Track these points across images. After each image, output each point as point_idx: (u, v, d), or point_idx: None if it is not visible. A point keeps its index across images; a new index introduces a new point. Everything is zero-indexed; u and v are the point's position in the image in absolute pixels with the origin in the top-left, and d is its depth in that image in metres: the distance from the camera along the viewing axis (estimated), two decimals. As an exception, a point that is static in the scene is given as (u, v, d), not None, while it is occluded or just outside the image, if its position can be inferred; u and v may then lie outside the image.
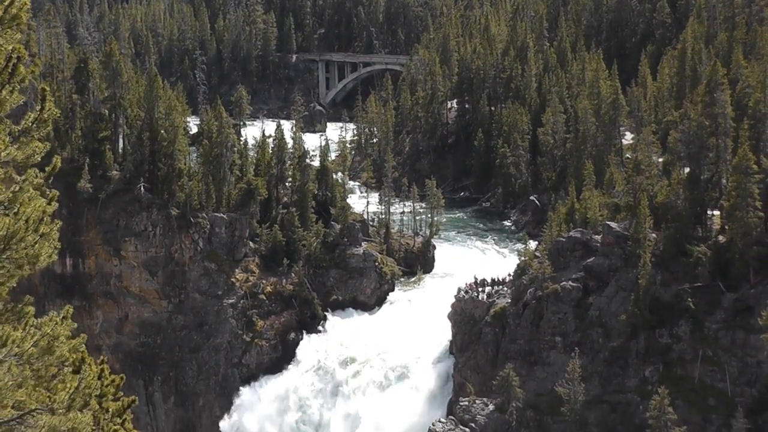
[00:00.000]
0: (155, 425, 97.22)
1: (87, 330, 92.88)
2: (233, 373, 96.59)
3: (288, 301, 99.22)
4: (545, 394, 75.17)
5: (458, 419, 77.35)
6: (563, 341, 76.95)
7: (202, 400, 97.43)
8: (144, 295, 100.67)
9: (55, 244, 21.57)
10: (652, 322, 73.80)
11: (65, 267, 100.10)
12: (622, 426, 72.59)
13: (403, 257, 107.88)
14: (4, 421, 22.34)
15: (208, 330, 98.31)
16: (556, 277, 79.87)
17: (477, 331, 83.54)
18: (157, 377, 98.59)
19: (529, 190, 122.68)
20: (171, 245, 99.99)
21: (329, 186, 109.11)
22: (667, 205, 78.14)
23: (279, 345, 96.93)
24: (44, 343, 22.20)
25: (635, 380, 73.45)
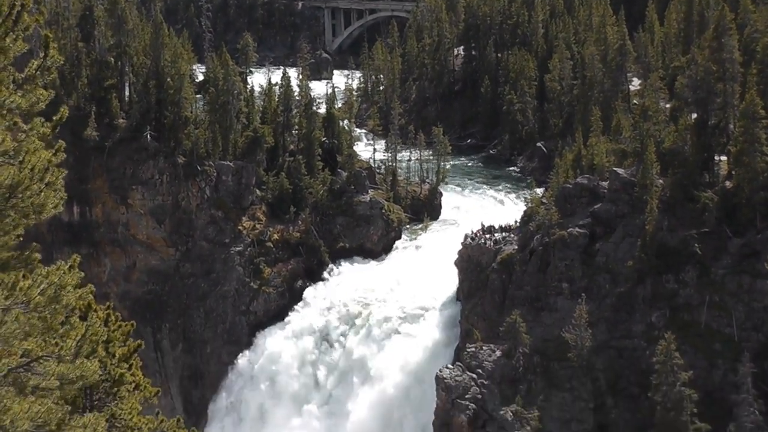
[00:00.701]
0: (164, 372, 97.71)
1: (95, 278, 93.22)
2: (240, 320, 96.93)
3: (295, 249, 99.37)
4: (552, 339, 75.36)
5: (465, 365, 77.60)
6: (570, 287, 77.04)
7: (210, 347, 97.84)
8: (151, 243, 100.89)
9: (62, 194, 21.59)
10: (658, 268, 73.86)
11: (72, 215, 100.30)
12: (628, 371, 72.84)
13: (409, 204, 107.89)
14: (11, 368, 22.45)
15: (215, 278, 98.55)
16: (562, 223, 79.85)
17: (484, 278, 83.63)
18: (165, 325, 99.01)
19: (536, 136, 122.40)
20: (178, 193, 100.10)
21: (336, 134, 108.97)
22: (674, 151, 77.96)
23: (286, 292, 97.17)
24: (51, 291, 22.27)
25: (642, 326, 73.60)
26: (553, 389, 74.44)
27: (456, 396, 76.08)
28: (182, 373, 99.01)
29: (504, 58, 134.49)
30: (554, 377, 74.74)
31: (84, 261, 26.09)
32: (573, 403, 73.27)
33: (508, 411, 74.46)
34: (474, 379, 76.61)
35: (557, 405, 73.64)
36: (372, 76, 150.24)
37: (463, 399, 75.91)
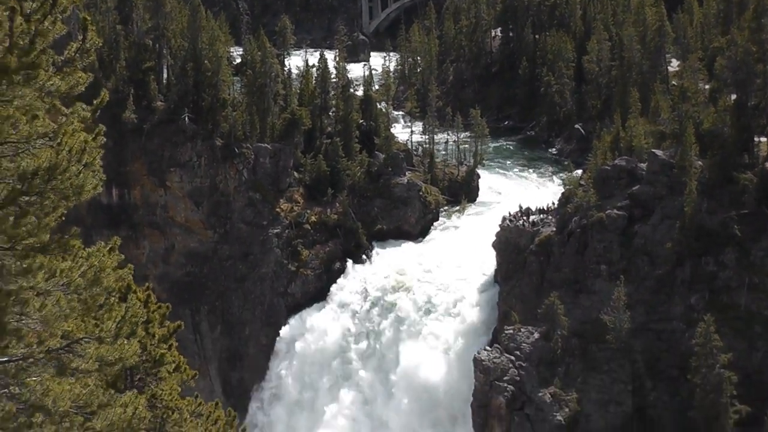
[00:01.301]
0: (202, 354, 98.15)
1: (134, 260, 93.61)
2: (279, 302, 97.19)
3: (332, 231, 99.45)
4: (590, 322, 75.19)
5: (503, 347, 77.57)
6: (608, 269, 76.79)
7: (249, 329, 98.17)
8: (189, 225, 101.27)
9: (100, 176, 21.65)
10: (697, 250, 73.53)
11: (111, 198, 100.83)
12: (667, 354, 72.62)
13: (447, 186, 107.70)
14: (52, 350, 22.57)
15: (253, 260, 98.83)
16: (601, 205, 79.58)
17: (522, 260, 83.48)
18: (204, 307, 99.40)
19: (574, 118, 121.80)
20: (216, 175, 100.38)
21: (373, 116, 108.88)
22: (714, 133, 77.51)
23: (324, 274, 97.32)
24: (91, 274, 22.35)
25: (681, 308, 73.32)
26: (591, 371, 74.34)
27: (494, 378, 76.09)
28: (221, 356, 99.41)
29: (542, 40, 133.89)
30: (592, 359, 74.62)
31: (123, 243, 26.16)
32: (611, 386, 73.15)
33: (546, 393, 74.44)
34: (512, 361, 76.59)
35: (595, 387, 73.55)
36: (409, 58, 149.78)
37: (501, 381, 75.92)
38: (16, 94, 19.84)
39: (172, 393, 33.79)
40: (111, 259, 22.64)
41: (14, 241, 21.39)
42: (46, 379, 22.30)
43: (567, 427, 72.99)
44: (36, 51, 19.38)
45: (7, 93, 19.73)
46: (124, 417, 23.35)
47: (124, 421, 23.33)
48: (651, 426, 71.97)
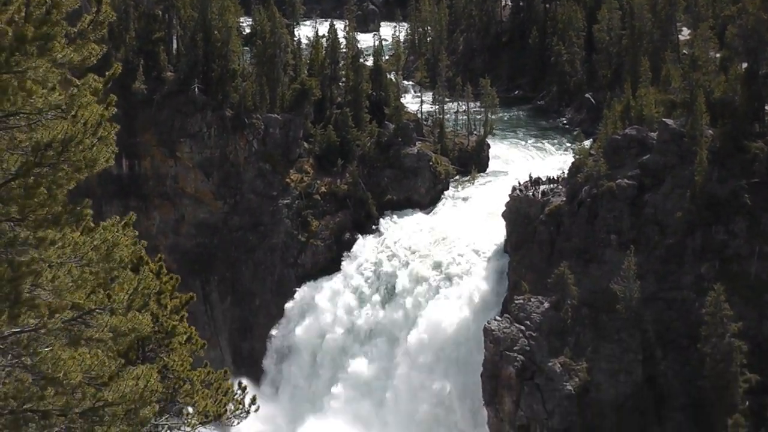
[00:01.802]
0: (213, 325, 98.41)
1: (144, 231, 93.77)
2: (289, 273, 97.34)
3: (342, 201, 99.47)
4: (600, 291, 75.21)
5: (513, 317, 77.67)
6: (618, 239, 76.77)
7: (259, 299, 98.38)
8: (199, 196, 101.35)
9: (113, 148, 21.71)
10: (708, 219, 73.48)
11: (122, 168, 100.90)
12: (677, 323, 72.68)
13: (457, 156, 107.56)
14: (65, 320, 22.65)
15: (263, 230, 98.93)
16: (611, 174, 79.49)
17: (532, 230, 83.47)
18: (214, 277, 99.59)
19: (584, 87, 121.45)
20: (226, 146, 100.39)
21: (383, 86, 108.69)
22: (724, 101, 77.34)
23: (334, 245, 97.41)
24: (104, 248, 22.43)
25: (691, 277, 73.32)
26: (601, 341, 74.44)
27: (504, 348, 76.21)
28: (231, 326, 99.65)
29: (552, 9, 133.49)
30: (603, 329, 74.70)
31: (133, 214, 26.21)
32: (622, 355, 73.25)
33: (557, 363, 74.57)
34: (522, 331, 76.70)
35: (606, 357, 73.65)
36: (419, 28, 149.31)
37: (511, 351, 76.04)
38: (30, 65, 19.88)
39: (184, 364, 33.92)
40: (125, 234, 22.72)
41: (26, 213, 21.47)
42: (58, 349, 22.40)
43: (577, 397, 73.15)
44: (51, 22, 19.41)
45: (22, 64, 19.77)
46: (136, 389, 23.44)
47: (135, 393, 23.44)
48: (661, 395, 72.10)
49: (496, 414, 77.20)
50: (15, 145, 21.02)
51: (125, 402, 23.31)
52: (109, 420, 23.54)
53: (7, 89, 20.05)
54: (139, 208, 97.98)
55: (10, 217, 21.81)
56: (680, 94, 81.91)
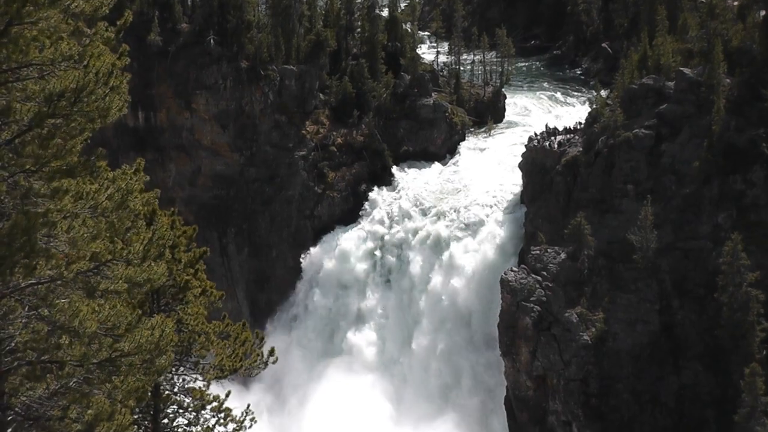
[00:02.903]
0: (229, 276, 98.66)
1: (160, 183, 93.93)
2: (305, 224, 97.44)
3: (358, 153, 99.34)
4: (617, 241, 75.08)
5: (530, 268, 77.68)
6: (635, 189, 76.53)
7: (275, 251, 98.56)
8: (216, 148, 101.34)
9: (126, 97, 21.70)
10: (725, 168, 73.16)
11: (137, 120, 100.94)
12: (694, 272, 72.55)
13: (473, 107, 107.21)
14: (81, 272, 22.72)
15: (279, 182, 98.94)
16: (628, 124, 79.16)
17: (548, 180, 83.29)
18: (231, 229, 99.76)
19: (601, 37, 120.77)
20: (241, 98, 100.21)
21: (399, 36, 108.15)
22: (742, 50, 76.80)
23: (350, 196, 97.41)
24: (118, 196, 22.46)
25: (708, 227, 73.10)
26: (618, 291, 74.40)
27: (521, 298, 76.29)
28: (248, 277, 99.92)
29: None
30: (619, 279, 74.64)
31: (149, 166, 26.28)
32: (638, 305, 73.23)
33: (573, 313, 74.63)
34: (539, 282, 76.74)
35: (622, 307, 73.63)
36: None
37: (527, 301, 76.11)
38: (41, 15, 19.85)
39: (198, 317, 34.07)
40: (137, 181, 22.73)
41: (41, 164, 21.50)
42: (74, 300, 22.48)
43: (594, 347, 73.24)
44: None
45: (33, 14, 19.73)
46: (152, 339, 23.57)
47: (151, 344, 23.56)
48: (678, 344, 72.13)
49: (512, 364, 77.41)
50: (28, 96, 21.03)
51: (141, 352, 23.45)
52: (126, 370, 23.70)
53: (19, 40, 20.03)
54: (156, 161, 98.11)
55: (24, 168, 21.86)
56: (697, 42, 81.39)
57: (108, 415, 23.13)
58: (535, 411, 76.29)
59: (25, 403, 23.90)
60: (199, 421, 35.68)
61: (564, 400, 73.86)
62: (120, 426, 23.38)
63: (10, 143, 21.64)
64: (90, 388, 23.58)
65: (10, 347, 23.30)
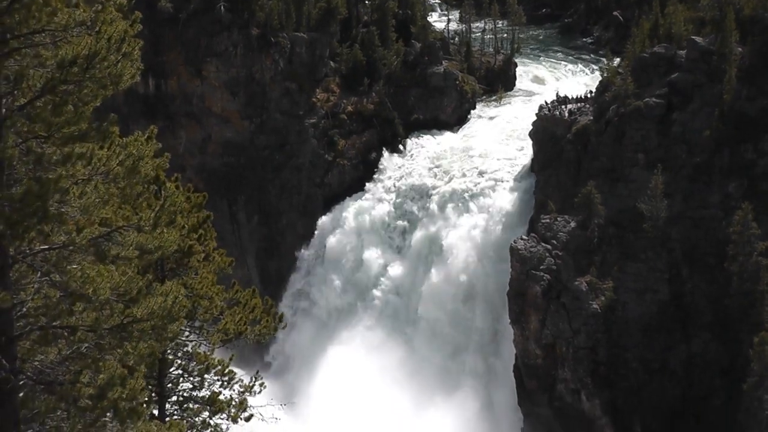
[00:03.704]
0: (239, 244, 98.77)
1: (171, 150, 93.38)
2: (315, 192, 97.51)
3: (369, 121, 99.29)
4: (627, 210, 75.02)
5: (540, 236, 77.69)
6: (646, 158, 76.40)
7: (285, 219, 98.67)
8: (226, 115, 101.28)
9: (138, 65, 21.74)
10: (736, 137, 72.95)
11: (148, 87, 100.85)
12: (704, 241, 72.46)
13: (484, 75, 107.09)
14: (92, 237, 22.80)
15: (289, 150, 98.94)
16: (639, 93, 78.96)
17: (558, 149, 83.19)
18: (241, 197, 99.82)
19: (612, 5, 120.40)
20: (252, 65, 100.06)
21: (409, 4, 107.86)
22: (754, 19, 76.44)
23: (360, 164, 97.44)
24: (130, 162, 22.52)
25: (718, 196, 72.96)
26: (627, 260, 74.40)
27: (530, 267, 76.33)
28: (258, 245, 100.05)
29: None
30: (629, 248, 74.62)
31: (160, 133, 26.26)
32: (648, 274, 73.23)
33: (583, 282, 74.66)
34: (548, 250, 76.76)
35: (632, 275, 73.65)
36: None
37: (537, 270, 76.15)
38: (53, -19, 19.86)
39: (203, 281, 34.16)
40: (148, 147, 22.79)
41: (53, 130, 21.56)
42: (86, 266, 22.57)
43: (603, 316, 73.30)
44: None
45: (44, -20, 19.76)
46: (164, 305, 23.68)
47: (164, 309, 23.67)
48: (687, 313, 72.17)
49: (521, 332, 77.53)
50: (40, 63, 21.08)
51: (153, 318, 23.55)
52: (138, 336, 23.81)
53: (32, 6, 20.05)
54: (166, 128, 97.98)
55: (36, 134, 21.93)
56: (709, 11, 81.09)
57: (120, 380, 23.28)
58: (544, 379, 76.47)
59: (37, 367, 24.06)
60: (203, 385, 35.88)
61: (573, 369, 74.01)
62: (133, 391, 23.54)
63: (23, 109, 21.71)
64: (102, 353, 23.72)
65: (22, 312, 23.44)
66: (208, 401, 35.47)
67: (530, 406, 78.03)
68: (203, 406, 35.67)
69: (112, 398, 23.31)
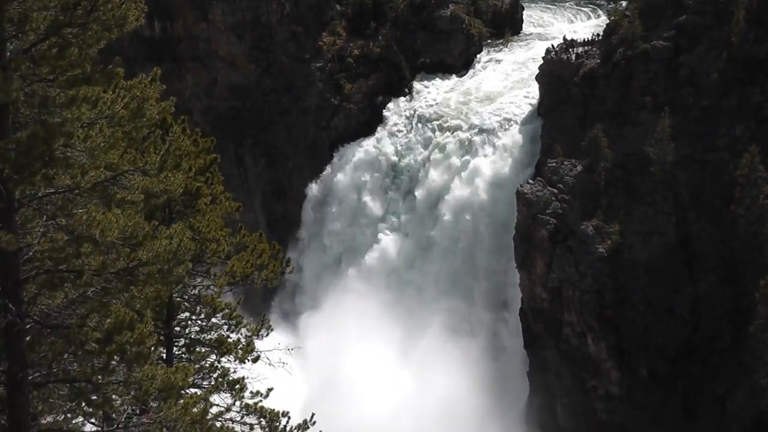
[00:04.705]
0: (246, 188, 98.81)
1: (177, 94, 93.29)
2: (322, 136, 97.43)
3: (375, 64, 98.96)
4: (634, 154, 74.84)
5: (546, 180, 77.62)
6: (653, 101, 76.10)
7: (292, 162, 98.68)
8: (232, 59, 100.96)
9: (142, 7, 21.68)
10: (744, 80, 72.63)
11: (154, 30, 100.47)
12: (711, 184, 72.34)
13: (491, 19, 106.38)
14: (98, 181, 22.81)
15: (296, 93, 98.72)
16: (646, 36, 78.49)
17: (565, 92, 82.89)
18: (247, 140, 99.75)
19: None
20: (257, 8, 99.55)
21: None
22: (763, -41, 76.01)
23: (367, 108, 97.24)
24: (134, 105, 22.48)
25: (726, 139, 72.72)
26: (634, 203, 74.35)
27: (537, 211, 76.34)
28: (265, 189, 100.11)
29: None
30: (636, 191, 74.54)
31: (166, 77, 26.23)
32: (654, 217, 73.22)
33: (589, 225, 74.67)
34: (555, 194, 76.72)
35: (638, 219, 73.65)
36: None
37: (543, 214, 76.16)
38: None
39: (210, 225, 34.22)
40: (153, 90, 22.73)
41: (58, 72, 21.51)
42: (92, 210, 22.59)
43: (609, 259, 73.38)
44: None
45: None
46: (170, 248, 23.71)
47: (169, 252, 23.70)
48: (693, 257, 72.24)
49: (528, 276, 77.66)
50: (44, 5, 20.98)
51: (159, 261, 23.59)
52: (144, 279, 23.87)
53: (34, -52, 19.96)
54: (172, 71, 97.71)
55: (42, 77, 21.89)
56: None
57: (128, 323, 23.36)
58: (550, 322, 76.69)
59: (44, 311, 24.16)
60: (211, 327, 36.04)
61: (579, 312, 74.19)
62: (141, 335, 23.64)
63: (27, 52, 21.65)
64: (108, 297, 23.80)
65: (28, 256, 23.50)
66: (216, 343, 35.67)
67: (536, 349, 78.31)
68: (211, 348, 35.87)
69: (120, 342, 23.42)
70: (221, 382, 34.47)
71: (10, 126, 22.19)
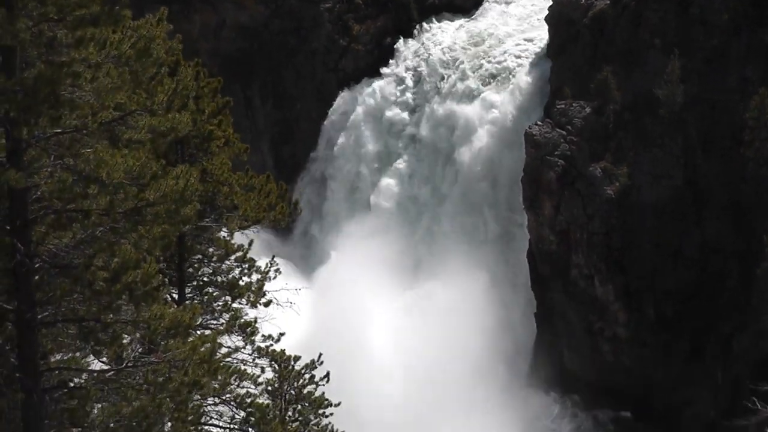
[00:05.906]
0: (254, 128, 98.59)
1: (185, 34, 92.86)
2: (330, 77, 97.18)
3: (383, 5, 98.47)
4: (643, 95, 74.54)
5: (555, 122, 77.43)
6: (662, 42, 75.68)
7: (300, 104, 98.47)
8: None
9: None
10: (755, 19, 72.12)
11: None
12: (720, 126, 72.06)
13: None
14: (105, 122, 22.84)
15: (304, 34, 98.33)
16: (657, -24, 78.04)
17: (575, 34, 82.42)
18: (255, 82, 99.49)
19: None
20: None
21: None
22: None
23: (375, 49, 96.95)
24: (141, 44, 22.45)
25: (735, 80, 72.32)
26: (643, 145, 74.17)
27: (545, 153, 76.20)
28: (273, 130, 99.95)
29: None
30: (645, 133, 74.31)
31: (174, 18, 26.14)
32: (663, 159, 73.05)
33: (598, 167, 74.55)
34: (563, 136, 76.56)
35: (647, 161, 73.49)
36: None
37: (552, 155, 76.05)
38: None
39: (222, 167, 34.30)
40: (160, 29, 22.69)
41: (65, 13, 21.46)
42: (99, 150, 22.63)
43: (617, 201, 73.32)
44: None
45: None
46: (177, 188, 23.76)
47: (176, 193, 23.75)
48: (701, 198, 72.15)
49: (536, 218, 77.65)
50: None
51: (167, 201, 23.64)
52: (151, 219, 23.94)
53: None
54: (180, 12, 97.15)
55: (48, 17, 21.85)
56: None
57: (134, 263, 23.47)
58: (557, 264, 76.77)
59: (52, 251, 24.26)
60: (222, 270, 36.22)
61: (587, 254, 74.27)
62: (146, 274, 23.75)
63: (33, -8, 21.58)
64: (116, 237, 23.90)
65: (36, 196, 23.58)
66: (228, 285, 35.86)
67: (543, 291, 78.45)
68: (223, 291, 36.07)
69: (126, 281, 23.54)
70: (232, 323, 34.68)
71: (17, 67, 22.19)
